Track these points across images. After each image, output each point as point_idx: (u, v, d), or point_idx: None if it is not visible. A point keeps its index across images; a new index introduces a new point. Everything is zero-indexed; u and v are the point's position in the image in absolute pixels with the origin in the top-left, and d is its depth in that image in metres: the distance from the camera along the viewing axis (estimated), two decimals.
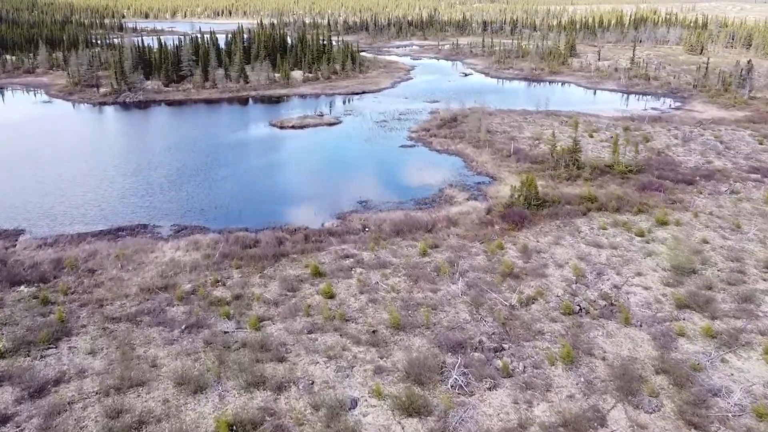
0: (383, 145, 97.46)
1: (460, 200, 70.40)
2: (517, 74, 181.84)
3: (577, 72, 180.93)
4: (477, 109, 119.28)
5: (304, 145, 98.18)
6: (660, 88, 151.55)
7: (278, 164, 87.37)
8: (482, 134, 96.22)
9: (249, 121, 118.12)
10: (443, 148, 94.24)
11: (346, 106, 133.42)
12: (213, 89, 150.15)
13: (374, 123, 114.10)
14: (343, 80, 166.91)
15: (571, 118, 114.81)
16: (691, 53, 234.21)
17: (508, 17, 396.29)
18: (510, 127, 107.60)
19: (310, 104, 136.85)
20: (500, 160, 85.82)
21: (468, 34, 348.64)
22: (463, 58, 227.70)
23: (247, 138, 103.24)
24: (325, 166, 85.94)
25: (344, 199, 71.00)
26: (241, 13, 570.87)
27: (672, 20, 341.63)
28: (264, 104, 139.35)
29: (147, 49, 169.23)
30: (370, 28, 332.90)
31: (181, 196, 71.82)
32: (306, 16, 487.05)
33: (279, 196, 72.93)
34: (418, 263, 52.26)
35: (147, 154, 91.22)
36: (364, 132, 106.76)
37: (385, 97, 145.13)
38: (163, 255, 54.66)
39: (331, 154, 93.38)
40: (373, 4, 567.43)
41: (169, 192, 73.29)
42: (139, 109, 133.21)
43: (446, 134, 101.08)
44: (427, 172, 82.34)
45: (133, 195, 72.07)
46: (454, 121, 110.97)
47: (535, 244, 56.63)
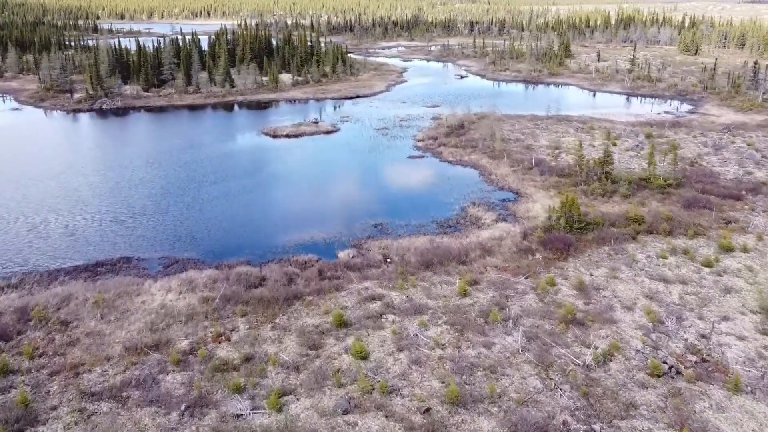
0: (389, 156, 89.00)
1: (487, 221, 62.19)
2: (515, 76, 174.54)
3: (576, 74, 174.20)
4: (485, 114, 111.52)
5: (301, 157, 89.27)
6: (667, 91, 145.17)
7: (276, 180, 78.41)
8: (497, 143, 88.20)
9: (238, 129, 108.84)
10: (456, 159, 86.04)
11: (342, 111, 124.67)
12: (196, 94, 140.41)
13: (374, 131, 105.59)
14: (334, 84, 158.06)
15: (585, 123, 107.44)
16: (687, 54, 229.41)
17: (493, 18, 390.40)
18: (522, 134, 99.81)
19: (302, 110, 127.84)
20: (522, 173, 77.81)
21: (454, 34, 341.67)
22: (454, 59, 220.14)
23: (237, 149, 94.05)
24: (328, 182, 77.22)
25: (356, 222, 62.38)
26: (220, 13, 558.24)
27: (659, 20, 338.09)
28: (252, 110, 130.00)
29: (124, 51, 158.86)
30: (356, 29, 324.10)
31: (168, 221, 62.58)
32: (287, 16, 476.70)
33: (281, 219, 64.07)
34: (459, 306, 43.87)
35: (127, 169, 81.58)
36: (365, 141, 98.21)
37: (381, 101, 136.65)
38: (151, 299, 45.58)
39: (333, 167, 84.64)
40: (354, 4, 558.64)
41: (154, 216, 63.99)
42: (117, 117, 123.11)
43: (456, 143, 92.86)
44: (442, 187, 74.05)
45: (112, 220, 62.61)
46: (461, 128, 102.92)
47: (589, 278, 48.55)
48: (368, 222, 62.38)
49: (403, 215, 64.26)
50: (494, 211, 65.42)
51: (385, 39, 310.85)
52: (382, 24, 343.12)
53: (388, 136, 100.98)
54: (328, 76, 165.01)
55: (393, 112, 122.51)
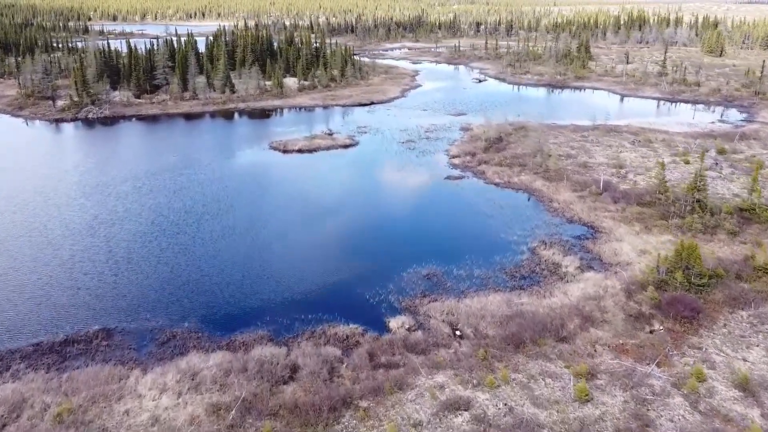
0: (422, 176, 75.49)
1: (570, 270, 48.73)
2: (537, 80, 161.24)
3: (603, 77, 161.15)
4: (522, 124, 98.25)
5: (318, 178, 75.60)
6: (710, 96, 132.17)
7: (291, 209, 64.70)
8: (551, 161, 74.70)
9: (242, 142, 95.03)
10: (504, 181, 72.53)
11: (357, 120, 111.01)
12: (193, 101, 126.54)
13: (399, 144, 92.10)
14: (344, 89, 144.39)
15: (638, 135, 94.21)
16: (712, 55, 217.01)
17: (498, 18, 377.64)
18: (572, 148, 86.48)
19: (312, 119, 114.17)
20: (590, 200, 64.36)
21: (460, 35, 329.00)
22: (466, 62, 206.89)
23: (243, 168, 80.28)
24: (355, 212, 63.64)
25: (401, 269, 48.89)
26: (215, 14, 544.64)
27: (671, 20, 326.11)
28: (256, 119, 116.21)
29: (114, 54, 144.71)
30: (358, 30, 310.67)
31: (160, 273, 48.87)
32: (284, 17, 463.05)
33: (304, 265, 50.43)
34: (583, 421, 30.35)
35: (110, 197, 67.69)
36: (390, 157, 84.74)
37: (398, 108, 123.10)
38: (139, 407, 32.02)
39: (358, 190, 71.10)
40: (352, 5, 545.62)
41: (143, 265, 50.25)
42: (105, 127, 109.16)
43: (500, 160, 79.36)
44: (498, 218, 60.58)
45: (88, 273, 48.82)
46: (499, 141, 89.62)
47: (744, 365, 35.12)
48: (417, 270, 48.84)
49: (458, 259, 50.75)
50: (573, 253, 51.95)
51: (388, 40, 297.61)
52: (384, 25, 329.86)
53: (415, 151, 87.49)
54: (337, 81, 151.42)
55: (415, 121, 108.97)
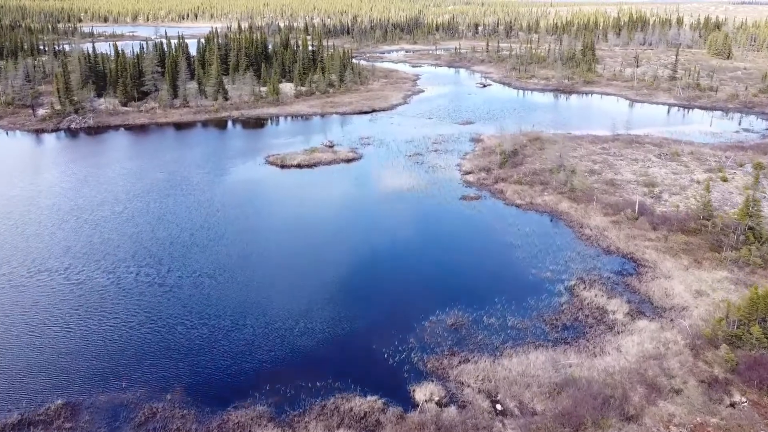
0: (433, 195, 68.48)
1: (619, 317, 41.84)
2: (545, 85, 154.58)
3: (612, 81, 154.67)
4: (537, 135, 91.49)
5: (321, 200, 68.45)
6: (728, 102, 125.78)
7: (290, 240, 57.53)
8: (577, 180, 67.74)
9: (236, 155, 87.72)
10: (525, 202, 65.59)
11: (359, 130, 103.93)
12: (184, 109, 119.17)
13: (405, 158, 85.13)
14: (343, 95, 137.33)
15: (663, 147, 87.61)
16: (719, 57, 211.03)
17: (491, 19, 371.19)
18: (594, 162, 79.70)
19: (311, 128, 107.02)
20: (626, 226, 57.48)
21: (458, 37, 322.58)
22: (468, 65, 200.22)
23: (237, 187, 73.00)
24: (363, 241, 56.53)
25: (421, 317, 42.00)
26: (208, 16, 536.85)
27: (671, 21, 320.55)
28: (251, 129, 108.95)
29: (101, 58, 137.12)
30: (354, 32, 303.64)
31: (139, 323, 41.70)
32: (278, 18, 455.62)
33: (307, 313, 43.27)
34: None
35: (85, 224, 60.42)
36: (397, 173, 77.69)
37: (401, 117, 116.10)
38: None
39: (365, 214, 64.04)
40: (347, 6, 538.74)
41: (118, 310, 43.11)
42: (88, 138, 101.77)
43: (519, 178, 72.38)
44: (525, 249, 53.64)
45: (53, 323, 41.58)
46: (515, 155, 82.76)
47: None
48: (440, 318, 41.87)
49: (486, 302, 43.83)
50: (618, 294, 45.08)
51: (385, 42, 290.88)
52: (381, 26, 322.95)
53: (424, 166, 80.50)
54: (335, 86, 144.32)
55: (420, 131, 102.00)
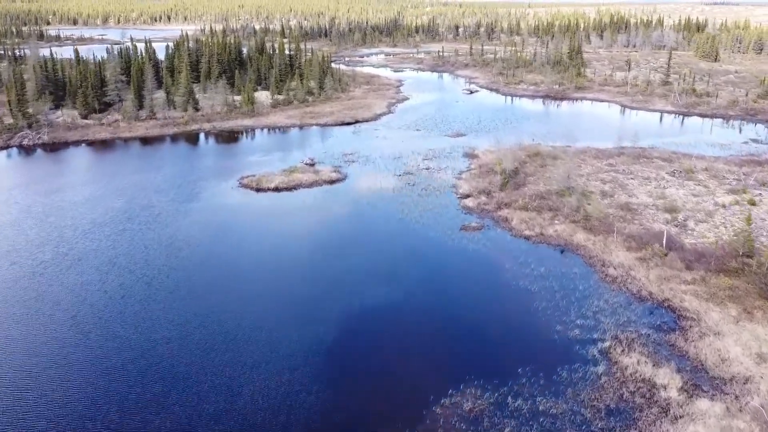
0: (430, 226, 60.46)
1: (673, 395, 34.26)
2: (534, 91, 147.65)
3: (605, 86, 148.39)
4: (536, 150, 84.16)
5: (302, 233, 59.96)
6: (729, 109, 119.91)
7: (266, 291, 48.95)
8: (593, 207, 60.15)
9: (207, 176, 78.75)
10: (535, 234, 57.85)
11: (342, 145, 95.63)
12: (150, 121, 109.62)
13: (395, 178, 77.07)
14: (323, 104, 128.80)
15: (672, 162, 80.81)
16: (707, 60, 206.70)
17: (470, 21, 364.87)
18: (603, 182, 72.41)
19: (289, 142, 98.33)
20: (655, 264, 50.05)
21: (438, 39, 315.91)
22: (452, 69, 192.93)
23: (205, 217, 64.12)
24: (353, 290, 48.11)
25: (430, 400, 34.04)
26: (182, 18, 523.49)
27: (652, 22, 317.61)
28: (223, 144, 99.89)
29: (60, 65, 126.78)
30: (332, 35, 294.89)
31: (81, 417, 32.89)
32: (253, 21, 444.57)
33: (287, 395, 34.93)
34: None
35: (22, 275, 51.19)
36: (386, 197, 69.55)
37: (387, 128, 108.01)
38: None
39: (353, 251, 55.63)
40: (323, 8, 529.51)
41: (42, 406, 34.22)
42: (42, 156, 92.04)
43: (524, 203, 64.63)
44: (543, 297, 45.80)
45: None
46: (515, 174, 75.16)
47: None
48: (455, 401, 33.95)
49: (508, 375, 36.03)
50: (664, 359, 37.50)
51: (365, 45, 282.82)
52: (360, 29, 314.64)
53: (416, 188, 72.47)
54: (315, 94, 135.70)
55: (409, 145, 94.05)
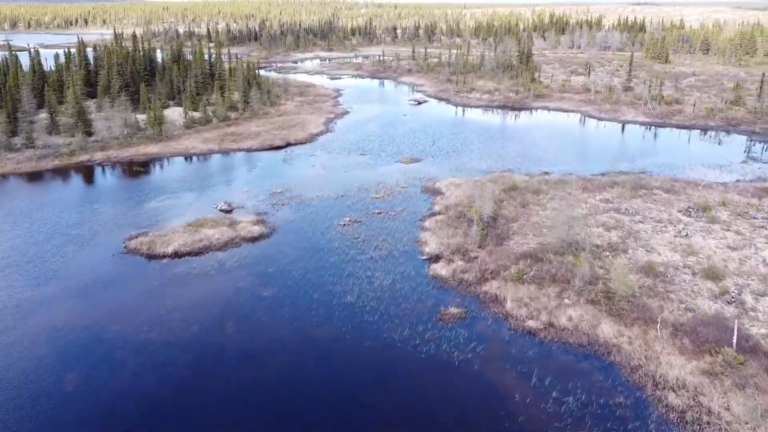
0: (392, 316, 42.35)
1: None
2: (489, 100, 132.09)
3: (566, 93, 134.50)
4: (512, 184, 67.60)
5: (206, 342, 40.71)
6: (708, 119, 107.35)
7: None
8: (618, 282, 43.15)
9: (81, 237, 57.77)
10: (542, 324, 40.57)
11: (269, 178, 76.42)
12: (27, 151, 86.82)
13: (338, 229, 58.56)
14: (249, 121, 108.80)
15: (676, 194, 65.75)
16: (657, 61, 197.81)
17: (407, 23, 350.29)
18: (607, 228, 56.19)
19: (203, 178, 78.05)
20: (732, 381, 33.56)
21: (376, 42, 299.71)
22: (395, 75, 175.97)
23: (61, 317, 43.79)
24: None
25: None
26: (100, 21, 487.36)
27: (596, 22, 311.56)
28: (117, 181, 78.59)
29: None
30: (262, 38, 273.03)
31: None
32: (179, 24, 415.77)
33: None
34: None
35: None
36: (327, 263, 51.05)
37: (325, 152, 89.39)
38: None
39: (282, 376, 36.80)
40: (254, 10, 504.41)
41: None
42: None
43: (518, 271, 47.08)
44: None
45: None
46: (494, 220, 58.02)
47: None
48: None
49: None
50: None
51: (298, 49, 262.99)
52: (293, 32, 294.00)
53: (367, 247, 54.21)
54: (239, 110, 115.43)
55: (353, 177, 75.84)
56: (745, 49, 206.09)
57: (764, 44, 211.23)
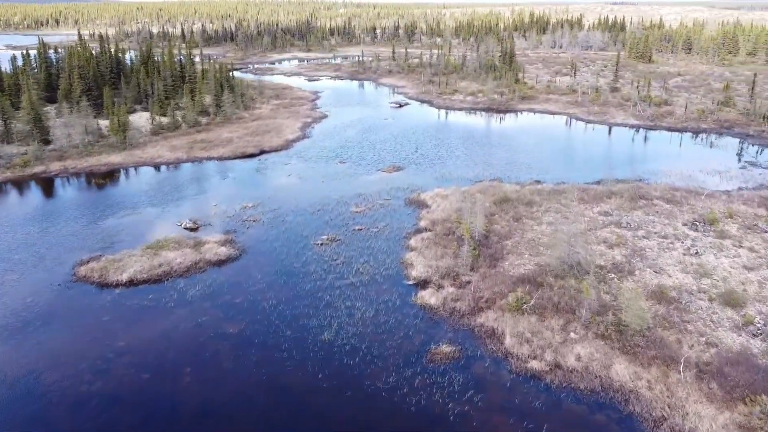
0: (375, 356, 37.04)
1: None
2: (473, 102, 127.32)
3: (551, 95, 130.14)
4: (504, 196, 62.65)
5: (165, 388, 35.09)
6: (700, 121, 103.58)
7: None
8: (632, 315, 38.17)
9: (26, 262, 51.55)
10: (547, 365, 35.54)
11: (240, 190, 70.62)
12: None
13: (314, 249, 53.06)
14: (221, 127, 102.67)
15: (678, 204, 61.17)
16: (641, 61, 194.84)
17: (387, 23, 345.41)
18: (609, 245, 51.34)
19: (168, 191, 71.90)
20: (764, 431, 28.67)
21: (355, 42, 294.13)
22: (375, 77, 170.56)
23: (4, 350, 37.89)
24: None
25: None
26: (72, 22, 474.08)
27: (576, 22, 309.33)
28: (75, 194, 72.13)
29: None
30: (238, 39, 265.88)
31: None
32: (153, 24, 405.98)
33: None
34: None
35: None
36: (301, 291, 45.60)
37: (302, 160, 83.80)
38: None
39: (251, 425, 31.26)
40: (231, 10, 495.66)
41: None
42: None
43: (517, 299, 41.89)
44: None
45: None
46: (486, 237, 52.93)
47: None
48: None
49: None
50: None
51: (275, 50, 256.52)
52: (269, 32, 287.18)
53: (347, 270, 48.80)
54: (210, 114, 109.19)
55: (331, 188, 70.32)
56: (728, 48, 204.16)
57: (746, 43, 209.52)
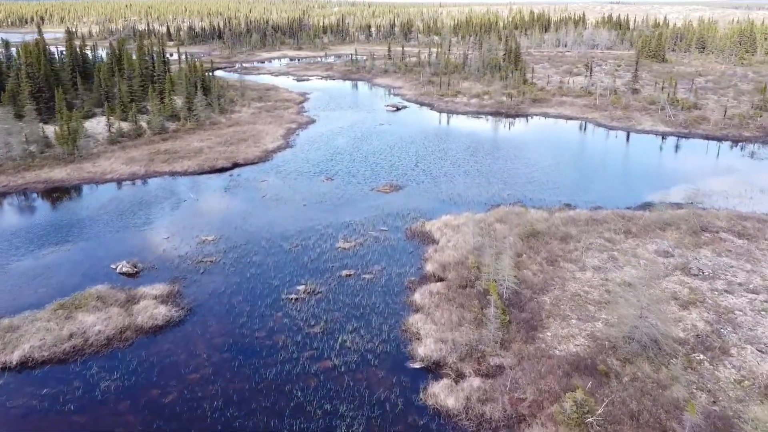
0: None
1: None
2: (479, 105, 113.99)
3: (566, 98, 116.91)
4: (527, 222, 49.35)
5: None
6: (742, 129, 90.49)
7: None
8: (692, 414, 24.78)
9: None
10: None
11: (200, 217, 56.96)
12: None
13: (285, 308, 39.49)
14: (191, 134, 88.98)
15: (756, 240, 47.90)
16: (655, 60, 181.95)
17: (381, 21, 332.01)
18: (681, 304, 38.07)
19: (112, 215, 58.06)
20: None
21: (349, 41, 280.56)
22: (369, 77, 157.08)
23: None
24: None
25: None
26: (58, 20, 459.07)
27: (580, 20, 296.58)
28: (7, 221, 58.26)
29: None
30: (226, 36, 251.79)
31: None
32: (140, 22, 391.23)
33: None
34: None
35: None
36: (261, 375, 32.41)
37: (281, 176, 70.21)
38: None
39: None
40: (222, 8, 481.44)
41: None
42: None
43: (570, 404, 28.38)
44: None
45: None
46: (516, 293, 39.47)
47: None
48: None
49: None
50: None
51: (265, 48, 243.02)
52: (259, 29, 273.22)
53: (326, 339, 35.45)
54: (180, 119, 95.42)
55: (315, 214, 56.87)
56: (745, 47, 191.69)
57: (764, 42, 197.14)
